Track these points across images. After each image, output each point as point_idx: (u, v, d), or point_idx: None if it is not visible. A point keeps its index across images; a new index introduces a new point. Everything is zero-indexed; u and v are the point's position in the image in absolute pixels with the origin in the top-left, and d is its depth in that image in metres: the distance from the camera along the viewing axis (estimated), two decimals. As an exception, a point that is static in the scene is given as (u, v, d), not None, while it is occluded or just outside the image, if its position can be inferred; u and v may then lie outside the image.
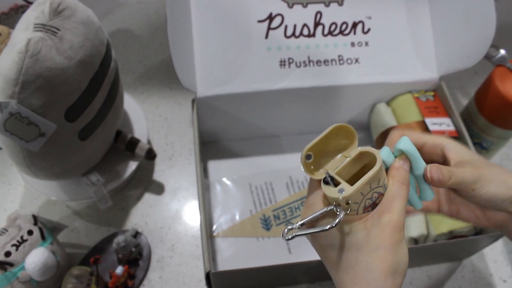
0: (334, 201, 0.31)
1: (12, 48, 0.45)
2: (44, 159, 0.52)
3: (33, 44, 0.44)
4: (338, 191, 0.31)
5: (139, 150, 0.63)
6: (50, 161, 0.53)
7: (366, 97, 0.65)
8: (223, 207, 0.63)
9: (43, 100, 0.46)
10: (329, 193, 0.31)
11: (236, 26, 0.59)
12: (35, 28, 0.45)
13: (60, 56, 0.46)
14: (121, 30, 0.86)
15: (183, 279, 0.59)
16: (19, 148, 0.50)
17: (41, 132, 0.48)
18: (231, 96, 0.60)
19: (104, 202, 0.61)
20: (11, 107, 0.45)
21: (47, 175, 0.55)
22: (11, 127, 0.46)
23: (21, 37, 0.45)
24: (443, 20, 0.61)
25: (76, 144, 0.53)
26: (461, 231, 0.54)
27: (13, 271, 0.50)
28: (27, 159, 0.51)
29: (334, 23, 0.61)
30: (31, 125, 0.47)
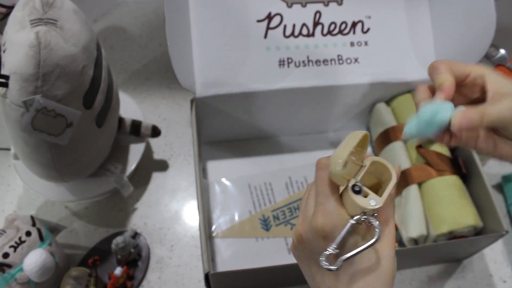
0: (362, 211, 0.30)
1: (16, 48, 0.44)
2: (69, 153, 0.52)
3: (42, 36, 0.44)
4: (370, 201, 0.30)
5: (144, 130, 0.64)
6: (75, 155, 0.53)
7: (366, 97, 0.65)
8: (222, 207, 0.63)
9: (64, 89, 0.46)
10: (361, 202, 0.30)
11: (235, 26, 0.59)
12: (33, 24, 0.45)
13: (68, 44, 0.46)
14: (120, 30, 0.86)
15: (182, 280, 0.58)
16: (46, 147, 0.50)
17: (68, 123, 0.48)
18: (230, 96, 0.60)
19: (126, 189, 0.61)
20: (36, 103, 0.45)
21: (71, 173, 0.55)
22: (39, 124, 0.46)
23: (22, 36, 0.44)
24: (443, 20, 0.61)
25: (94, 132, 0.54)
26: (461, 231, 0.54)
27: (11, 273, 0.49)
28: (54, 157, 0.51)
29: (334, 23, 0.60)
30: (57, 117, 0.47)
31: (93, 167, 0.59)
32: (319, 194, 0.31)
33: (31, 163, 0.54)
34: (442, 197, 0.55)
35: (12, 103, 0.46)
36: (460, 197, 0.56)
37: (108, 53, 0.82)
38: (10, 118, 0.47)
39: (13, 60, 0.44)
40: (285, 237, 0.61)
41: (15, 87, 0.44)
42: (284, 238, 0.61)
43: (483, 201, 0.55)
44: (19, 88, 0.44)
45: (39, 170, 0.54)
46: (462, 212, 0.54)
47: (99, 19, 0.87)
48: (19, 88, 0.44)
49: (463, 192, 0.56)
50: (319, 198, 0.31)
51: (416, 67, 0.62)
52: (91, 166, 0.58)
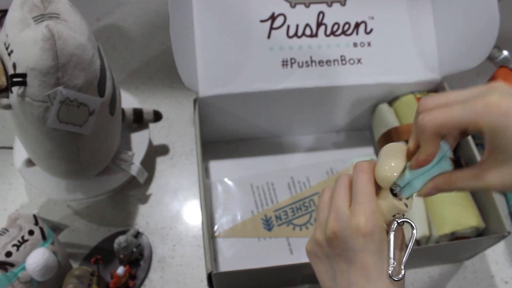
0: (396, 213, 0.33)
1: (28, 45, 0.44)
2: (92, 143, 0.53)
3: (54, 28, 0.44)
4: (405, 204, 0.33)
5: (147, 115, 0.65)
6: (96, 145, 0.54)
7: (368, 97, 0.65)
8: (224, 207, 0.63)
9: (81, 78, 0.47)
10: (400, 206, 0.33)
11: (238, 26, 0.59)
12: (37, 20, 0.45)
13: (76, 34, 0.46)
14: (122, 29, 0.86)
15: (184, 280, 0.58)
16: (72, 140, 0.50)
17: (90, 111, 0.49)
18: (233, 96, 0.60)
19: (142, 175, 0.62)
20: (59, 95, 0.45)
21: (93, 164, 0.56)
22: (65, 116, 0.47)
23: (29, 33, 0.44)
24: (446, 21, 0.61)
25: (109, 120, 0.55)
26: (463, 232, 0.54)
27: (14, 272, 0.49)
28: (80, 149, 0.52)
29: (337, 23, 0.61)
30: (80, 107, 0.47)
31: (109, 157, 0.60)
32: (360, 194, 0.33)
33: (54, 162, 0.53)
34: (444, 198, 0.55)
35: (34, 100, 0.46)
36: (462, 198, 0.56)
37: (110, 52, 0.82)
38: (32, 117, 0.47)
39: (27, 57, 0.44)
40: (287, 237, 0.61)
41: (35, 83, 0.45)
42: (286, 238, 0.61)
43: (485, 202, 0.55)
44: (40, 83, 0.44)
45: (63, 167, 0.54)
46: (464, 213, 0.54)
47: (101, 18, 0.87)
48: (39, 83, 0.44)
49: (465, 193, 0.56)
50: (360, 199, 0.33)
51: (419, 68, 0.62)
52: (108, 156, 0.59)
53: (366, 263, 0.33)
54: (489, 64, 0.62)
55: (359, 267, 0.33)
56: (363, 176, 0.34)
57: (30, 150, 0.55)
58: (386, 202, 0.33)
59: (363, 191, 0.33)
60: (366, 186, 0.33)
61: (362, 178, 0.34)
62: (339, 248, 0.34)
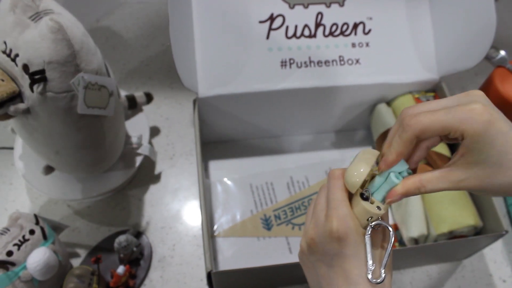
0: (369, 216, 0.33)
1: (36, 42, 0.44)
2: (113, 127, 0.55)
3: (59, 20, 0.44)
4: (377, 207, 0.33)
5: (139, 98, 0.67)
6: (115, 128, 0.56)
7: (367, 97, 0.65)
8: (224, 207, 0.63)
9: (95, 62, 0.48)
10: (371, 209, 0.33)
11: (237, 27, 0.59)
12: (34, 19, 0.45)
13: (75, 25, 0.47)
14: (122, 30, 0.86)
15: (184, 279, 0.59)
16: (99, 125, 0.52)
17: (109, 92, 0.50)
18: (232, 97, 0.60)
19: (154, 154, 0.65)
20: (83, 81, 0.46)
21: (114, 151, 0.58)
22: (90, 101, 0.48)
23: (33, 32, 0.44)
24: (444, 21, 0.61)
25: (119, 103, 0.56)
26: (461, 231, 0.55)
27: (15, 271, 0.50)
28: (106, 133, 0.53)
29: (335, 24, 0.61)
30: (101, 89, 0.49)
31: (123, 142, 0.61)
32: (332, 200, 0.34)
33: (81, 154, 0.54)
34: (442, 197, 0.56)
35: (57, 93, 0.46)
36: (460, 197, 0.56)
37: (110, 52, 0.82)
38: (57, 111, 0.48)
39: (40, 53, 0.44)
40: (287, 236, 0.61)
41: (56, 76, 0.45)
42: (286, 238, 0.61)
43: (483, 201, 0.56)
44: (60, 74, 0.45)
45: (90, 157, 0.55)
46: (462, 212, 0.55)
47: (101, 19, 0.87)
48: (60, 74, 0.45)
49: (463, 192, 0.57)
50: (332, 204, 0.34)
51: (417, 68, 0.63)
52: (123, 140, 0.61)
53: (344, 267, 0.33)
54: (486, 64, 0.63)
55: (338, 271, 0.33)
56: (335, 183, 0.34)
57: (52, 152, 0.54)
58: (358, 206, 0.33)
59: (334, 197, 0.34)
60: (338, 192, 0.34)
61: (334, 185, 0.34)
62: (318, 253, 0.35)
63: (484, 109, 0.29)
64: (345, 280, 0.33)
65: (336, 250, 0.33)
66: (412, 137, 0.30)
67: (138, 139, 0.63)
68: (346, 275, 0.33)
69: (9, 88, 0.45)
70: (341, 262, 0.33)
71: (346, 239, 0.32)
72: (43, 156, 0.56)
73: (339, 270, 0.33)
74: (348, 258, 0.33)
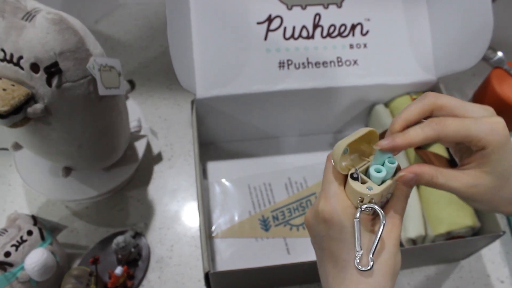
0: (360, 196, 0.31)
1: (40, 38, 0.44)
2: (125, 108, 0.57)
3: (57, 12, 0.45)
4: (367, 188, 0.31)
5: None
6: (124, 114, 0.58)
7: (365, 98, 0.65)
8: (222, 208, 0.63)
9: (98, 46, 0.50)
10: (358, 188, 0.31)
11: (235, 28, 0.59)
12: (27, 19, 0.45)
13: (68, 15, 0.48)
14: (121, 31, 0.86)
15: (182, 280, 0.59)
16: (115, 104, 0.53)
17: (118, 72, 0.52)
18: (230, 98, 0.60)
19: (155, 134, 0.67)
20: (96, 64, 0.47)
21: (124, 139, 0.59)
22: (106, 82, 0.49)
23: (33, 31, 0.44)
24: (441, 22, 0.62)
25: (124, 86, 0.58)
26: (459, 232, 0.55)
27: (13, 272, 0.50)
28: (122, 116, 0.55)
29: (333, 25, 0.61)
30: (112, 70, 0.50)
31: (129, 126, 0.63)
32: (323, 182, 0.34)
33: (104, 142, 0.55)
34: (440, 198, 0.56)
35: (75, 81, 0.47)
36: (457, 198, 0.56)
37: (109, 54, 0.82)
38: (77, 100, 0.48)
39: (47, 47, 0.44)
40: (284, 237, 0.61)
41: (70, 65, 0.46)
42: (284, 239, 0.61)
43: (480, 202, 0.56)
44: (74, 62, 0.46)
45: (109, 146, 0.56)
46: (459, 213, 0.55)
47: (100, 20, 0.88)
48: (73, 62, 0.46)
49: (461, 193, 0.57)
50: (323, 186, 0.33)
51: (414, 69, 0.63)
52: (129, 124, 0.63)
53: (332, 251, 0.32)
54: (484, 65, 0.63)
55: (327, 254, 0.33)
56: (327, 165, 0.34)
57: (74, 148, 0.53)
58: (347, 187, 0.32)
59: (325, 178, 0.33)
60: (328, 172, 0.33)
61: (326, 166, 0.34)
62: (312, 235, 0.35)
63: (504, 124, 0.30)
64: (333, 265, 0.32)
65: (323, 232, 0.32)
66: (432, 136, 0.30)
67: (138, 122, 0.64)
68: (334, 259, 0.32)
69: (24, 91, 0.45)
70: (329, 244, 0.32)
71: (331, 220, 0.32)
72: (61, 157, 0.56)
73: (327, 253, 0.33)
74: (335, 241, 0.32)
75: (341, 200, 0.32)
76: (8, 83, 0.45)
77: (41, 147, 0.54)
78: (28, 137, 0.52)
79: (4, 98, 0.43)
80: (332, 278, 0.33)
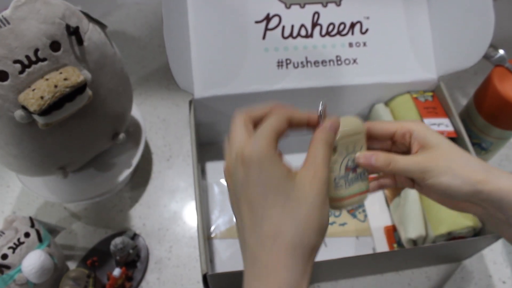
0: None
1: (37, 24, 0.44)
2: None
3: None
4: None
5: None
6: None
7: (365, 97, 0.65)
8: (221, 208, 0.63)
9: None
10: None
11: (233, 27, 0.59)
12: (5, 21, 0.44)
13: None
14: (119, 31, 0.86)
15: (181, 281, 0.58)
16: (120, 67, 0.55)
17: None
18: (229, 97, 0.60)
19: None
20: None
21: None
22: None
23: (24, 23, 0.43)
24: (442, 20, 0.61)
25: None
26: (460, 232, 0.54)
27: (10, 274, 0.49)
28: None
29: (332, 24, 0.60)
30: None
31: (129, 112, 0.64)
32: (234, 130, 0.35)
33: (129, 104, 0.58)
34: (440, 198, 0.55)
35: (94, 32, 0.49)
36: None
37: (107, 54, 0.82)
38: (104, 47, 0.51)
39: (48, 20, 0.44)
40: (284, 238, 0.61)
41: (76, 20, 0.47)
42: (283, 239, 0.60)
43: (482, 202, 0.55)
44: (77, 18, 0.47)
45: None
46: (460, 213, 0.54)
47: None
48: (77, 18, 0.47)
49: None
50: (232, 132, 0.36)
51: (415, 68, 0.62)
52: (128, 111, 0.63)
53: (250, 197, 0.30)
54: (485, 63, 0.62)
55: (244, 202, 0.31)
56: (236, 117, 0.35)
57: (114, 120, 0.56)
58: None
59: (235, 125, 0.35)
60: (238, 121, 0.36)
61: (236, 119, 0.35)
62: (232, 186, 0.34)
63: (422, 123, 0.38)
64: (250, 213, 0.30)
65: (242, 175, 0.30)
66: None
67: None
68: (251, 206, 0.31)
69: (77, 74, 0.45)
70: (247, 191, 0.30)
71: (251, 160, 0.30)
72: (97, 143, 0.56)
73: (244, 201, 0.31)
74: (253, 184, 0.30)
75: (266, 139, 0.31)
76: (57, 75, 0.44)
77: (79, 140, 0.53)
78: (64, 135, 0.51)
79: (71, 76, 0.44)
80: (249, 231, 0.30)
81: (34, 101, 0.42)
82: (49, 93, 0.42)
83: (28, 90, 0.43)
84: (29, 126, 0.46)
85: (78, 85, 0.44)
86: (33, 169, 0.53)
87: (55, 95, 0.42)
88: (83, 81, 0.45)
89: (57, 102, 0.43)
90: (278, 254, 0.28)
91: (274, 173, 0.30)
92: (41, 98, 0.42)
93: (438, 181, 0.34)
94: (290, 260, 0.28)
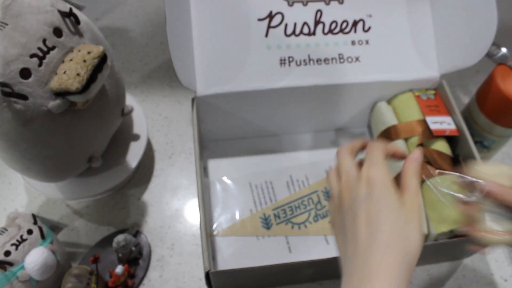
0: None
1: (37, 15, 0.44)
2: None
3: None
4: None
5: None
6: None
7: (367, 95, 0.65)
8: (223, 206, 0.63)
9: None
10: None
11: (236, 25, 0.59)
12: (3, 24, 0.44)
13: None
14: (121, 29, 0.86)
15: (183, 278, 0.58)
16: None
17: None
18: (231, 95, 0.60)
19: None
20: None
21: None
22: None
23: (24, 22, 0.43)
24: (444, 18, 0.61)
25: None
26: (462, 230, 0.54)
27: (13, 271, 0.50)
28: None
29: (335, 22, 0.60)
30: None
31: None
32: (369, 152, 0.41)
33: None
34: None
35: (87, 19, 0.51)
36: (460, 196, 0.55)
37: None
38: (96, 32, 0.52)
39: (42, 9, 0.45)
40: (286, 235, 0.61)
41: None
42: (285, 237, 0.61)
43: (484, 200, 0.55)
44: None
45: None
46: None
47: (100, 17, 0.87)
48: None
49: (464, 191, 0.56)
50: (368, 154, 0.41)
51: (417, 66, 0.62)
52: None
53: (370, 214, 0.36)
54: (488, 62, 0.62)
55: (364, 218, 0.36)
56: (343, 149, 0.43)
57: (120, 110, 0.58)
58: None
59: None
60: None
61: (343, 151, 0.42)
62: (350, 200, 0.38)
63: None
64: (367, 228, 0.36)
65: (364, 192, 0.37)
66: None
67: (130, 106, 0.63)
68: (369, 223, 0.36)
69: (94, 46, 0.46)
70: (368, 206, 0.36)
71: (375, 180, 0.37)
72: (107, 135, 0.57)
73: (365, 217, 0.37)
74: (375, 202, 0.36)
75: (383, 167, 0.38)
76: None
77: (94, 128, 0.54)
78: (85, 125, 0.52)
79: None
80: (363, 239, 0.35)
81: (72, 80, 0.43)
82: (83, 68, 0.43)
83: (58, 76, 0.44)
84: (62, 117, 0.47)
85: (102, 54, 0.45)
86: (62, 167, 0.54)
87: (88, 68, 0.44)
88: (104, 50, 0.46)
89: (91, 75, 0.44)
90: (389, 259, 0.34)
91: (391, 194, 0.37)
92: (78, 75, 0.43)
93: None
94: (398, 266, 0.34)
